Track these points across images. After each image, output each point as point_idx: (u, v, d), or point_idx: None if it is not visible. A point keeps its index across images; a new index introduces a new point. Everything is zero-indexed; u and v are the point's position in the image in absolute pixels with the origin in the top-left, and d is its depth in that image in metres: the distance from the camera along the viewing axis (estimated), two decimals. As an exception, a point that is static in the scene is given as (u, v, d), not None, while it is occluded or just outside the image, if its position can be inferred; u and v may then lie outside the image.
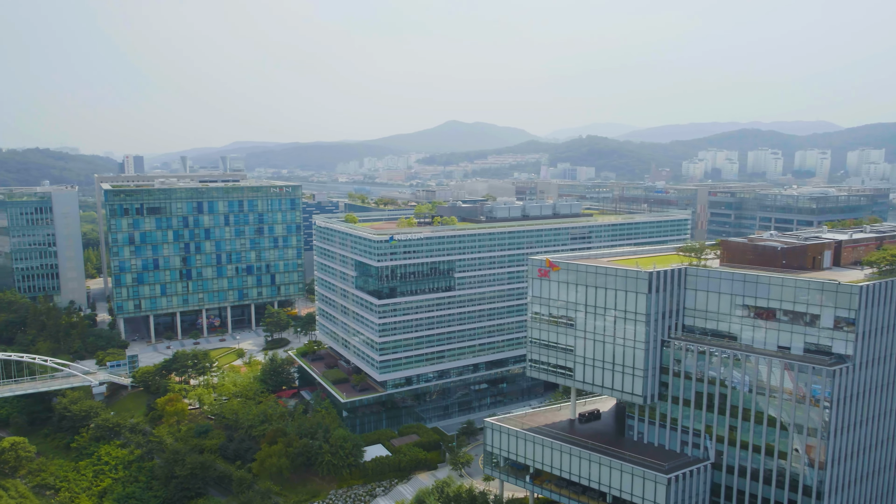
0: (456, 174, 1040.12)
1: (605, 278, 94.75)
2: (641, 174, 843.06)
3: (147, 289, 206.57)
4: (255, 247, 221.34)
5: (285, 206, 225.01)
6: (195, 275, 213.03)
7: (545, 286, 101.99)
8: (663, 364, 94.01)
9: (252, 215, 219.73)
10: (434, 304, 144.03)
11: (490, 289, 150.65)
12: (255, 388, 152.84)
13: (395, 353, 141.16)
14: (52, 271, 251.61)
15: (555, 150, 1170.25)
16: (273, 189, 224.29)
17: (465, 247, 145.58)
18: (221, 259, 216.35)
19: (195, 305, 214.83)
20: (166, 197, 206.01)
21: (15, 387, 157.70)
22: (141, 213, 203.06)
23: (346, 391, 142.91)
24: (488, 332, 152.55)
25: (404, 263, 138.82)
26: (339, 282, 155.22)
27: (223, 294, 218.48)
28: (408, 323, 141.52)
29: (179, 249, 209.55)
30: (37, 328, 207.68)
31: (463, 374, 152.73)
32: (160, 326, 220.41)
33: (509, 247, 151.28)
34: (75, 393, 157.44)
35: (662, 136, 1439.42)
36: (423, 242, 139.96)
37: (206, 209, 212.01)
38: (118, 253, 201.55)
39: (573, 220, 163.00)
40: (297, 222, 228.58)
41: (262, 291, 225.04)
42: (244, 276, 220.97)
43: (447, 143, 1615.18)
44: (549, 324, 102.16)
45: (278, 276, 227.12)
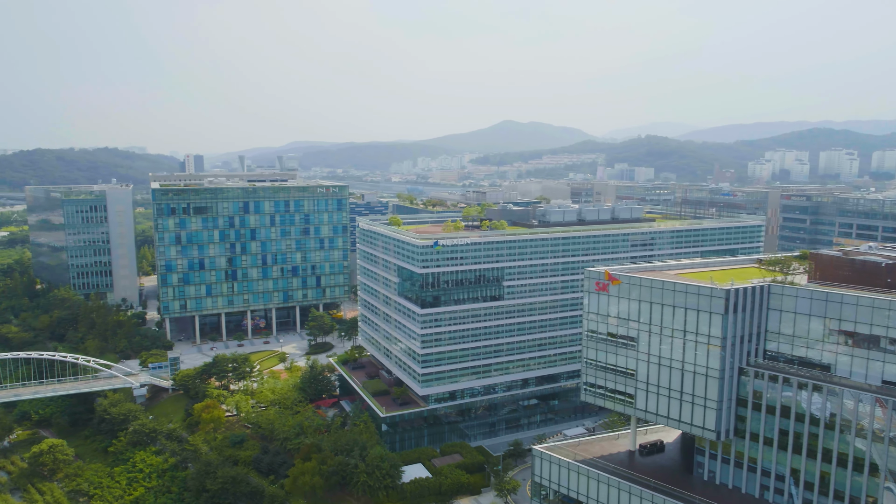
0: (509, 174, 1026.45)
1: (674, 295, 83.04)
2: (703, 175, 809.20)
3: (192, 289, 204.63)
4: (301, 248, 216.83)
5: (332, 207, 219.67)
6: (240, 275, 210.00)
7: (603, 301, 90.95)
8: (740, 395, 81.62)
9: (298, 216, 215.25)
10: (481, 315, 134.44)
11: (541, 299, 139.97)
12: (293, 396, 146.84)
13: (438, 366, 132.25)
14: (105, 269, 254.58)
15: (612, 150, 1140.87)
16: (320, 189, 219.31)
17: (515, 253, 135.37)
18: (267, 260, 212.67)
19: (240, 307, 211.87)
20: (213, 196, 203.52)
21: (58, 386, 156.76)
22: (188, 212, 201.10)
23: (387, 404, 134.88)
24: (539, 345, 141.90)
25: (449, 270, 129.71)
26: (382, 287, 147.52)
27: (268, 296, 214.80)
28: (452, 334, 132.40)
29: (225, 249, 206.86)
30: (87, 326, 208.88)
31: (511, 390, 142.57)
32: (206, 327, 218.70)
33: (563, 254, 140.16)
34: (116, 395, 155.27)
35: (725, 136, 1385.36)
36: (469, 248, 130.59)
37: (252, 209, 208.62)
38: (165, 252, 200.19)
39: (633, 226, 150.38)
40: (344, 223, 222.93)
41: (307, 293, 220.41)
42: (289, 277, 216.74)
43: (501, 143, 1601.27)
44: (608, 344, 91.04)
45: (324, 278, 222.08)
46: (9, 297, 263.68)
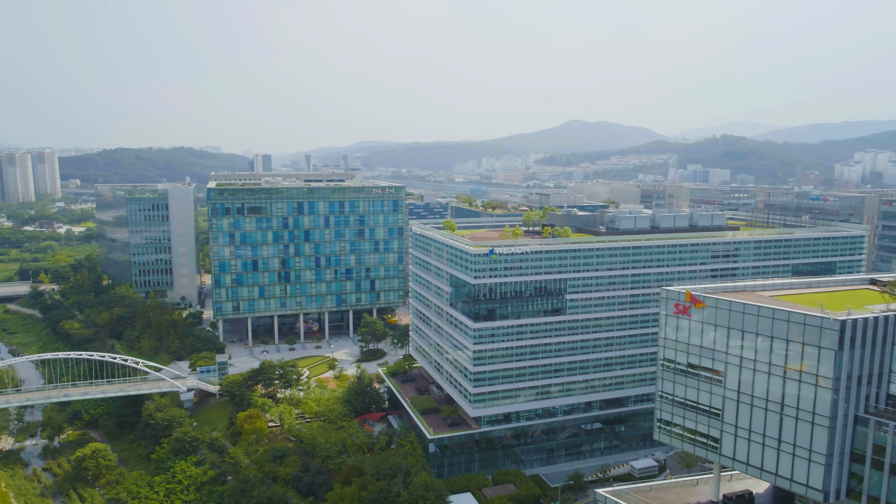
0: (576, 175, 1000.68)
1: (773, 323, 68.88)
2: (784, 178, 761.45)
3: (245, 290, 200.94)
4: (356, 250, 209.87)
5: (387, 208, 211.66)
6: (293, 278, 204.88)
7: (683, 327, 77.45)
8: (856, 449, 66.69)
9: (353, 217, 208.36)
10: (540, 330, 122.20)
11: (608, 314, 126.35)
12: (338, 410, 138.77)
13: (491, 385, 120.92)
14: (165, 267, 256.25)
15: (684, 150, 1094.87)
16: (375, 190, 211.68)
17: (580, 263, 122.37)
18: (320, 262, 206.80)
19: (293, 309, 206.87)
20: (267, 197, 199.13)
21: (106, 388, 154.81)
22: (242, 212, 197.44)
23: (435, 424, 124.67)
24: (605, 365, 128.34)
25: (506, 281, 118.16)
26: (434, 297, 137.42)
27: (321, 299, 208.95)
28: (508, 351, 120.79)
29: (279, 251, 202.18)
30: (143, 325, 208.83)
31: (572, 413, 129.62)
32: (260, 329, 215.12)
33: (634, 265, 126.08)
34: (163, 399, 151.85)
35: (809, 136, 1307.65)
36: (528, 257, 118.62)
37: (306, 210, 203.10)
38: (218, 253, 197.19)
39: (715, 235, 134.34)
40: (400, 225, 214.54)
41: (360, 297, 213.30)
42: (343, 280, 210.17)
43: (568, 143, 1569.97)
44: (688, 377, 77.49)
45: (378, 282, 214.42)
46: (76, 292, 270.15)
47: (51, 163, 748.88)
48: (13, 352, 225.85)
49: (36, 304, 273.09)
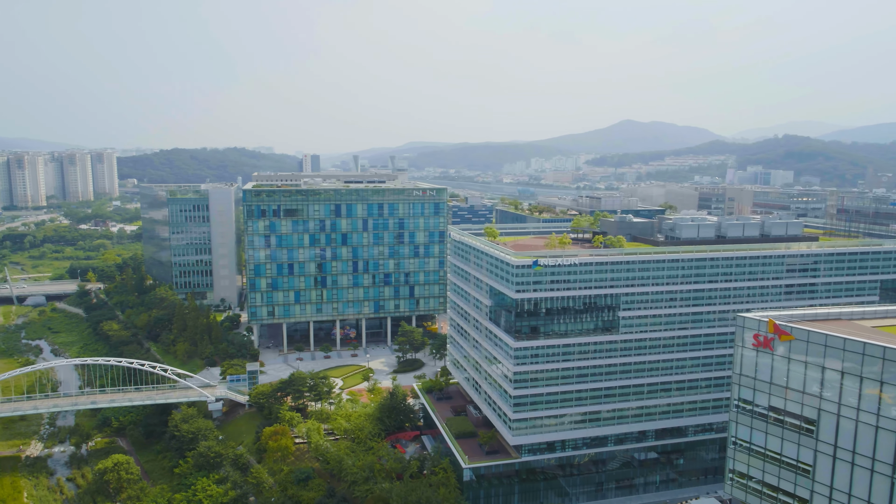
0: (628, 176, 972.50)
1: (884, 364, 55.37)
2: (853, 180, 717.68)
3: (281, 295, 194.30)
4: (394, 255, 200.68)
5: (429, 211, 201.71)
6: (330, 282, 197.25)
7: (765, 363, 64.40)
8: None
9: (392, 220, 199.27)
10: (589, 351, 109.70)
11: (667, 334, 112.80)
12: (369, 429, 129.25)
13: (534, 411, 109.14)
14: (206, 268, 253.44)
15: (743, 151, 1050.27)
16: (416, 192, 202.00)
17: (636, 277, 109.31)
18: (358, 267, 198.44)
19: (329, 315, 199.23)
20: (304, 198, 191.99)
21: (133, 395, 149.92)
22: (278, 214, 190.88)
23: (471, 451, 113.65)
24: (662, 391, 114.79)
25: (551, 295, 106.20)
26: (472, 310, 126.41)
27: (358, 305, 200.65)
28: (553, 373, 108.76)
29: (315, 255, 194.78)
30: (179, 328, 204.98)
31: (624, 443, 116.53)
32: (296, 334, 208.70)
33: (697, 280, 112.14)
34: (190, 409, 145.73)
35: (879, 136, 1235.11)
36: (577, 269, 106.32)
37: (343, 212, 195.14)
38: (254, 256, 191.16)
39: (791, 246, 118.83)
40: (442, 229, 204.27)
41: (399, 304, 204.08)
42: (381, 286, 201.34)
43: (620, 144, 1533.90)
44: (769, 423, 64.42)
45: (418, 288, 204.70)
46: (120, 292, 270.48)
47: (109, 162, 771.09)
48: (55, 351, 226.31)
49: (81, 303, 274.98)
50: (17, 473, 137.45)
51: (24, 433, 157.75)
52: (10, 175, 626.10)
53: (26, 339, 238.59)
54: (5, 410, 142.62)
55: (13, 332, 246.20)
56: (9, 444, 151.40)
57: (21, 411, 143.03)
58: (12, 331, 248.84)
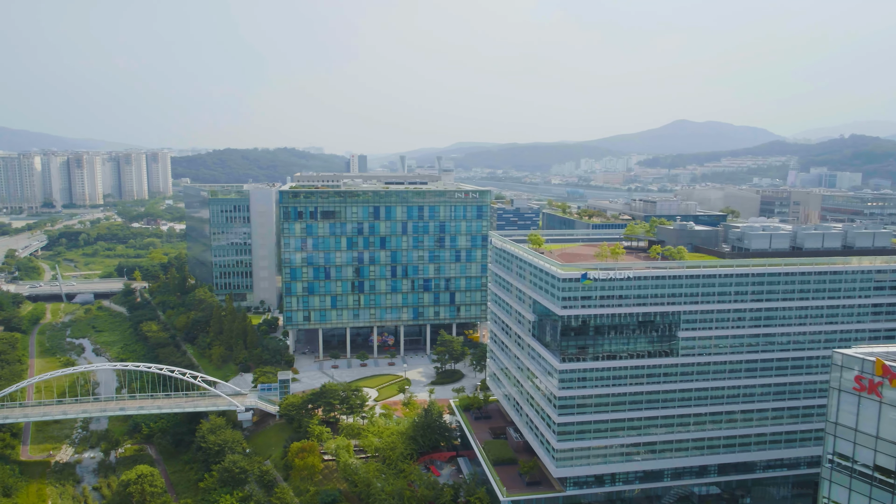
0: (682, 178, 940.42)
1: None
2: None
3: (317, 300, 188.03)
4: (435, 259, 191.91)
5: (471, 214, 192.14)
6: (367, 287, 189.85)
7: (870, 412, 52.45)
8: None
9: (433, 223, 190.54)
10: (643, 375, 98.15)
11: (733, 357, 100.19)
12: (401, 449, 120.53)
13: (580, 440, 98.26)
14: (245, 269, 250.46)
15: (806, 152, 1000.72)
16: (458, 194, 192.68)
17: (699, 293, 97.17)
18: (396, 272, 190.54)
19: (366, 322, 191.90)
20: (341, 200, 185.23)
21: (162, 402, 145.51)
22: (315, 216, 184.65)
23: (510, 481, 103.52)
24: (727, 421, 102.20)
25: (602, 312, 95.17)
26: (514, 324, 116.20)
27: (396, 311, 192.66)
28: (602, 398, 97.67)
29: (352, 259, 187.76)
30: (216, 331, 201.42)
31: (682, 477, 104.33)
32: (333, 339, 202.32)
33: (769, 297, 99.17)
34: (218, 419, 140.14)
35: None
36: (632, 284, 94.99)
37: (382, 215, 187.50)
38: (290, 259, 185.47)
39: (878, 259, 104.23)
40: (484, 233, 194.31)
41: (439, 311, 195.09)
42: (420, 292, 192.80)
43: (673, 145, 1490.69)
44: (876, 485, 52.30)
45: (458, 295, 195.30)
46: (163, 291, 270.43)
47: (163, 162, 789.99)
48: (97, 351, 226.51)
49: (126, 302, 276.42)
50: (44, 480, 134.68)
51: (56, 436, 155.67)
52: (70, 174, 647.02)
53: (71, 338, 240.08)
54: (35, 415, 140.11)
55: (59, 330, 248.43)
56: (41, 448, 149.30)
57: (50, 416, 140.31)
58: (58, 328, 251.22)
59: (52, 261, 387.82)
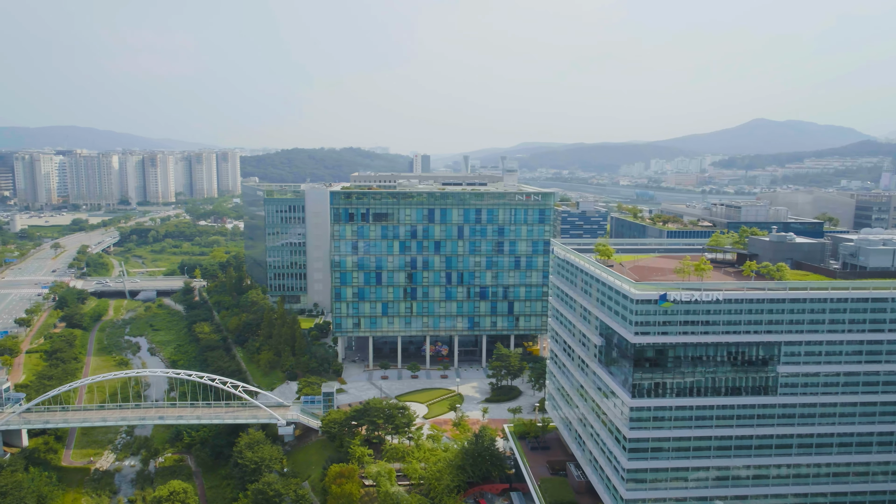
0: (760, 180, 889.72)
1: None
2: None
3: (367, 306, 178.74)
4: (492, 266, 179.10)
5: (532, 218, 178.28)
6: (420, 294, 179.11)
7: None
8: None
9: (491, 227, 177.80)
10: (733, 417, 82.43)
11: (847, 399, 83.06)
12: (447, 480, 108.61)
13: (654, 490, 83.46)
14: (299, 271, 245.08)
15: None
16: (518, 196, 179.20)
17: (804, 320, 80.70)
18: (451, 278, 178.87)
19: (418, 330, 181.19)
20: (395, 202, 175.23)
21: (201, 412, 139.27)
22: (366, 218, 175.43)
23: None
24: (836, 475, 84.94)
25: (684, 341, 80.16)
26: (577, 346, 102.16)
27: (450, 320, 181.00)
28: (681, 443, 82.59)
29: (405, 264, 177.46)
30: (265, 335, 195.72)
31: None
32: (385, 347, 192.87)
33: (892, 327, 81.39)
34: (257, 433, 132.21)
35: None
36: (722, 308, 79.54)
37: (437, 218, 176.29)
38: (340, 263, 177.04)
39: None
40: (547, 238, 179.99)
41: (496, 321, 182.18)
42: (476, 300, 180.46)
43: (751, 145, 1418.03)
44: None
45: (517, 304, 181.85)
46: (219, 291, 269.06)
47: (233, 161, 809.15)
48: (152, 350, 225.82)
49: (184, 301, 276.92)
50: (80, 489, 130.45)
51: (100, 441, 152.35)
52: (145, 173, 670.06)
53: (129, 336, 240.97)
54: (75, 421, 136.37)
55: (119, 328, 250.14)
56: (83, 453, 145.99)
57: (90, 423, 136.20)
58: (119, 326, 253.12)
59: (121, 257, 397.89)
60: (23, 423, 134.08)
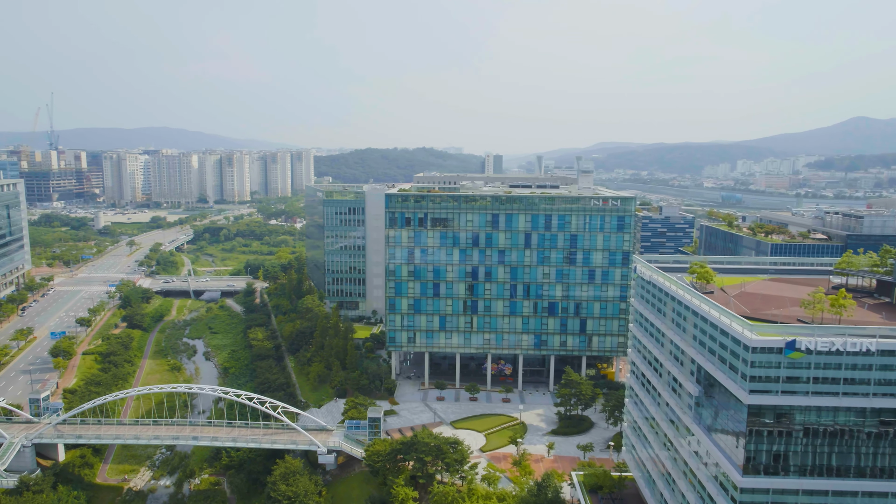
0: (862, 183, 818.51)
1: None
2: None
3: (424, 319, 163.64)
4: (563, 279, 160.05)
5: (609, 226, 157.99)
6: (482, 308, 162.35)
7: None
8: None
9: (562, 235, 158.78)
10: (886, 507, 61.10)
11: None
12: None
13: None
14: (358, 276, 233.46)
15: None
16: (594, 201, 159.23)
17: None
18: (516, 291, 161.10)
19: (479, 347, 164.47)
20: (456, 205, 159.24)
21: (237, 434, 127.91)
22: (424, 224, 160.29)
23: None
24: None
25: (818, 405, 59.68)
26: (665, 390, 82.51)
27: (514, 338, 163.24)
28: (811, 537, 61.94)
29: (466, 274, 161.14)
30: (317, 345, 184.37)
31: None
32: (443, 362, 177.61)
33: None
34: (295, 462, 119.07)
35: None
36: (874, 362, 58.51)
37: (502, 224, 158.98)
38: (395, 272, 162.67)
39: None
40: (626, 248, 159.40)
41: (566, 340, 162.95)
42: (544, 316, 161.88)
43: (850, 145, 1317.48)
44: None
45: (591, 322, 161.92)
46: (279, 294, 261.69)
47: (307, 161, 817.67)
48: (207, 354, 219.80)
49: (245, 303, 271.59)
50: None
51: (139, 455, 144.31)
52: (222, 172, 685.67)
53: (187, 338, 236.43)
54: (107, 437, 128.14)
55: (179, 329, 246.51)
56: (119, 469, 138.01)
57: (122, 440, 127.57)
58: (179, 327, 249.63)
59: (193, 255, 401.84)
60: (55, 436, 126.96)
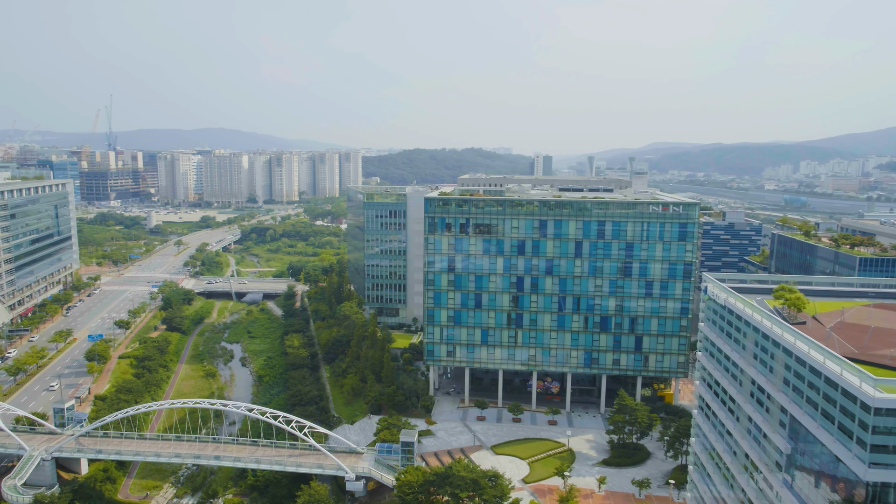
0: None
1: None
2: None
3: (464, 332, 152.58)
4: (617, 292, 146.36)
5: (669, 234, 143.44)
6: (527, 321, 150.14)
7: None
8: None
9: (616, 244, 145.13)
10: None
11: None
12: None
13: None
14: (399, 282, 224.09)
15: None
16: (653, 206, 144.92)
17: None
18: (565, 304, 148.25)
19: (523, 363, 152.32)
20: (500, 210, 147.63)
21: (262, 455, 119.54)
22: (466, 230, 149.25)
23: None
24: None
25: (962, 483, 45.67)
26: (744, 437, 68.90)
27: (563, 354, 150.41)
28: None
29: (510, 285, 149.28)
30: (353, 356, 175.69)
31: None
32: (485, 378, 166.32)
33: None
34: (320, 488, 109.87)
35: None
36: None
37: (550, 231, 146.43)
38: (433, 281, 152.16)
39: None
40: (688, 260, 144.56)
41: (619, 359, 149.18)
42: (596, 332, 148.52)
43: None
44: None
45: (647, 340, 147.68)
46: (318, 298, 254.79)
47: (355, 161, 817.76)
48: (243, 360, 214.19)
49: (285, 306, 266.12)
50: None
51: (164, 470, 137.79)
52: (271, 172, 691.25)
53: (226, 342, 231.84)
54: (128, 453, 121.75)
55: (218, 332, 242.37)
56: (143, 485, 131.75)
57: (142, 457, 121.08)
58: (218, 330, 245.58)
59: (238, 255, 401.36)
60: (76, 450, 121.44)
